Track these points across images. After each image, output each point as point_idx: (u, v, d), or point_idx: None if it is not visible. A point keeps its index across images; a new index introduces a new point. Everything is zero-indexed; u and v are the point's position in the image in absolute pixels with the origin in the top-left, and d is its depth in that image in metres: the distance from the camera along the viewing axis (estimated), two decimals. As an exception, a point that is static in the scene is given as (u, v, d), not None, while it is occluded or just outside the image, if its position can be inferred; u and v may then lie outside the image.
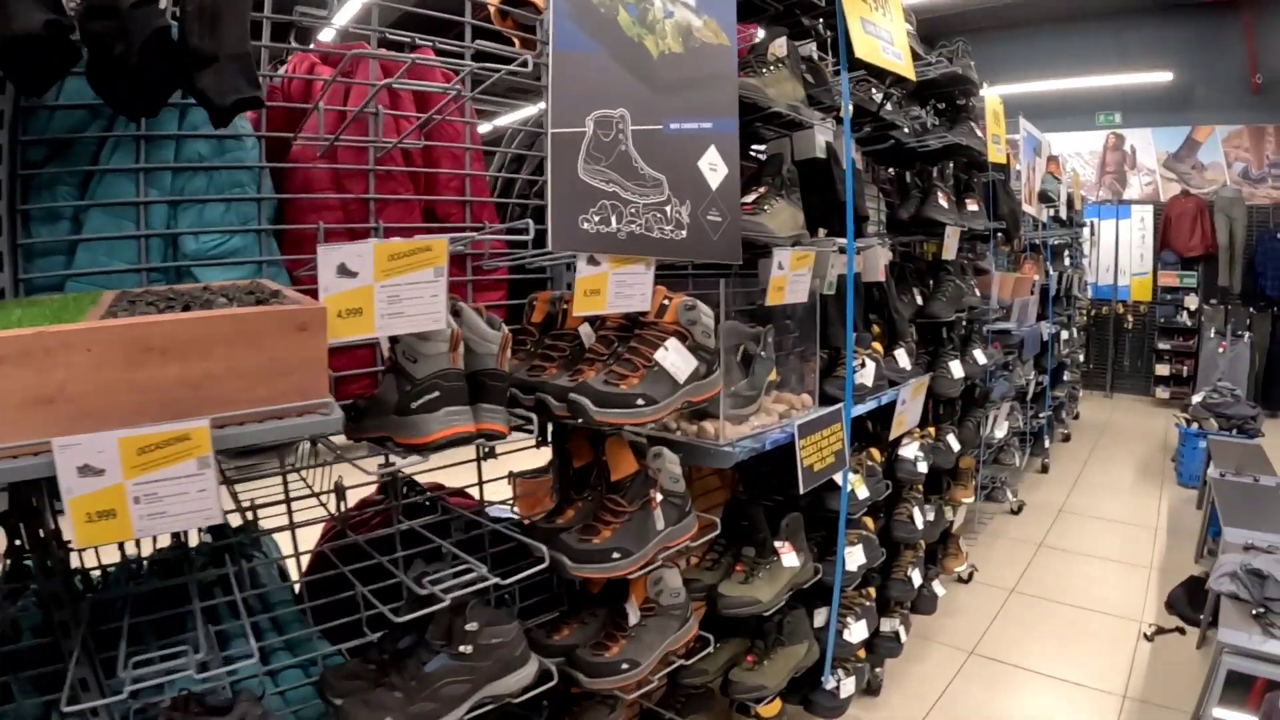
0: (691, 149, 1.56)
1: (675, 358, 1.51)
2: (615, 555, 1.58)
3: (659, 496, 1.63)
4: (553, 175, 1.34)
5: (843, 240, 2.12)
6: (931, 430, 3.12)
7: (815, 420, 2.06)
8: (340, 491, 1.85)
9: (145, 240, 1.59)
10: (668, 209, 1.50)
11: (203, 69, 1.36)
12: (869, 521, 2.62)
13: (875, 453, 2.60)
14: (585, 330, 1.70)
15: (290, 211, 1.77)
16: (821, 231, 2.21)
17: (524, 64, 1.32)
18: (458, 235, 1.33)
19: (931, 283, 3.16)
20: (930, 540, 3.30)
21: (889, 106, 2.73)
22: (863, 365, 2.33)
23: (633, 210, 1.44)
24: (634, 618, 1.77)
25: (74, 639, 1.41)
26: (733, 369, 1.98)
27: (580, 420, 1.46)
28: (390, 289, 1.27)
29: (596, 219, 1.39)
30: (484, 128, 4.87)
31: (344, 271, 1.24)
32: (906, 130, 2.95)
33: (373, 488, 2.05)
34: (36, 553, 1.41)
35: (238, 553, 1.82)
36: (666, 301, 1.55)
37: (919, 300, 3.03)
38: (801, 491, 2.02)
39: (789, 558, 2.07)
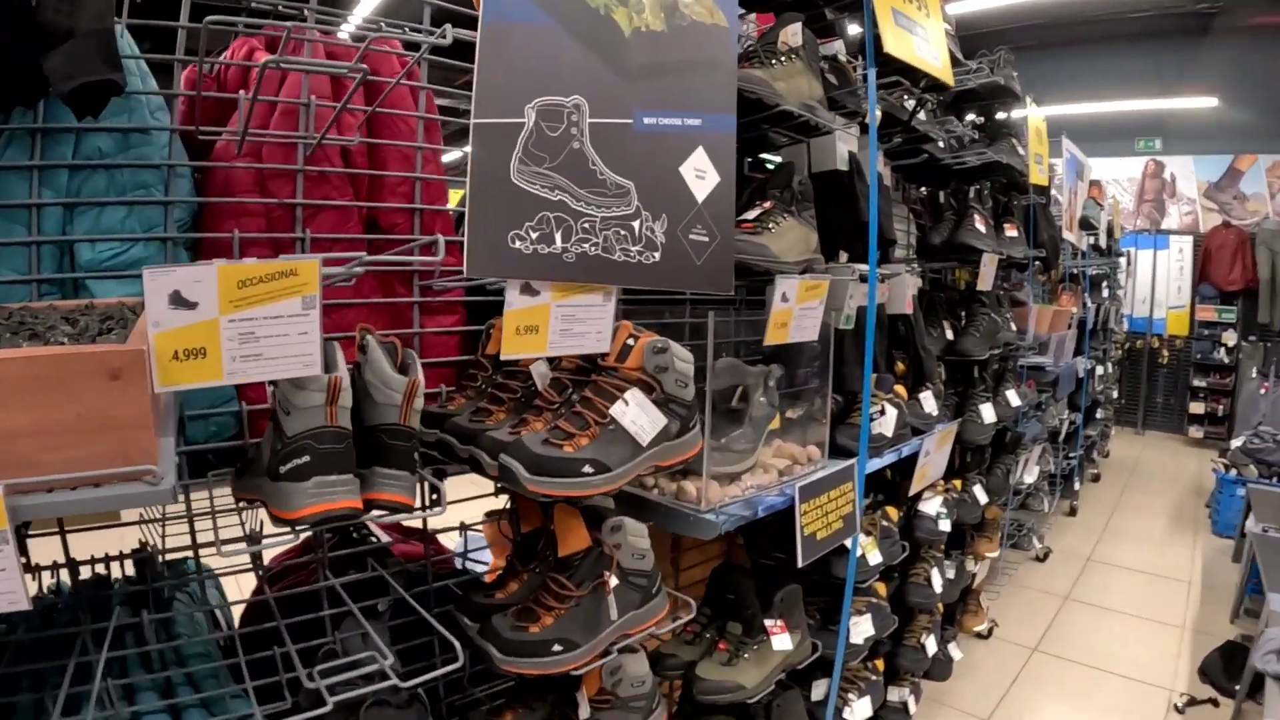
0: (671, 150, 1.21)
1: (637, 414, 1.16)
2: (556, 648, 1.24)
3: (614, 580, 1.27)
4: (473, 178, 1.00)
5: (864, 267, 1.75)
6: (956, 483, 2.72)
7: (822, 480, 1.69)
8: (255, 539, 1.52)
9: (37, 248, 1.32)
10: (636, 225, 1.15)
11: (54, 48, 1.07)
12: (880, 587, 2.24)
13: (892, 511, 2.21)
14: (539, 370, 1.36)
15: (209, 218, 1.46)
16: (843, 256, 1.84)
17: (442, 35, 0.98)
18: (330, 255, 0.99)
19: (964, 315, 2.77)
20: (949, 601, 2.89)
21: (922, 115, 2.35)
22: (882, 412, 1.96)
23: (586, 225, 1.10)
24: (585, 712, 1.42)
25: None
26: (726, 417, 1.63)
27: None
28: (242, 324, 0.94)
29: (535, 235, 1.04)
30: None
31: (179, 301, 0.91)
32: (941, 144, 2.57)
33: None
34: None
35: (154, 597, 1.53)
36: (631, 342, 1.20)
37: (949, 334, 2.64)
38: (800, 565, 1.66)
39: (781, 639, 1.71)
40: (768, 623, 1.71)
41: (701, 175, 1.26)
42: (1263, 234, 7.50)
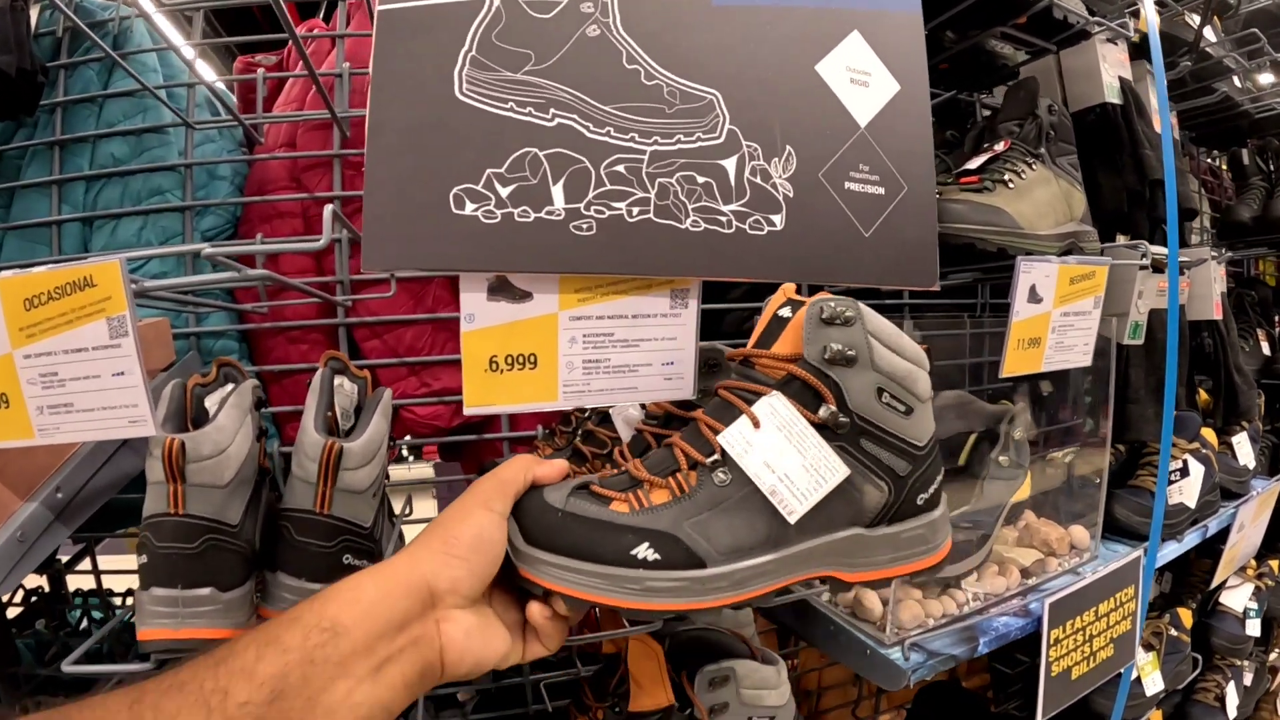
0: (798, 37, 0.58)
1: (777, 447, 0.48)
2: None
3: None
4: (376, 101, 0.45)
5: (1159, 250, 0.96)
6: (1274, 563, 1.68)
7: (1089, 589, 0.93)
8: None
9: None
10: (729, 164, 0.54)
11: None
12: (1155, 717, 1.35)
13: (1185, 615, 1.33)
14: (625, 416, 0.78)
15: (245, 224, 1.08)
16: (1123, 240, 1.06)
17: None
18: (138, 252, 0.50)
19: (1281, 321, 1.74)
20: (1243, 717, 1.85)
21: (1211, 35, 1.45)
22: (1183, 471, 1.12)
23: (622, 167, 0.50)
24: None
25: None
26: (944, 486, 0.94)
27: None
28: (40, 360, 0.52)
29: (507, 190, 0.47)
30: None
31: (-32, 333, 0.49)
32: (1237, 82, 1.62)
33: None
34: None
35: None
36: (786, 312, 0.52)
37: (1265, 349, 1.64)
38: None
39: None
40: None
41: (862, 80, 0.61)
42: None
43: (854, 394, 0.49)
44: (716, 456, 0.48)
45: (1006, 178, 0.80)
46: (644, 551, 0.46)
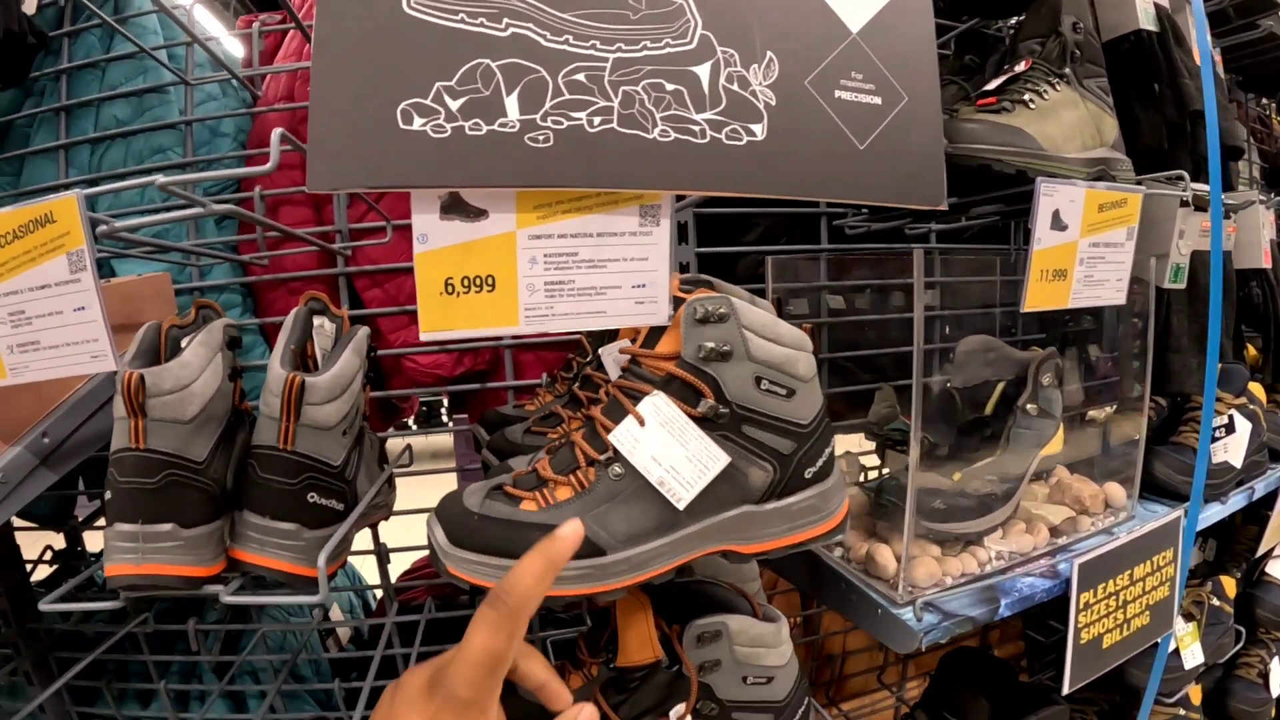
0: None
1: (662, 443, 0.51)
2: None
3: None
4: (323, 16, 0.42)
5: (1200, 187, 0.88)
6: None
7: (1121, 550, 0.86)
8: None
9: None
10: (702, 71, 0.49)
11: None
12: (1194, 693, 1.27)
13: (1229, 583, 1.24)
14: (612, 354, 0.76)
15: (249, 179, 1.07)
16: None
17: None
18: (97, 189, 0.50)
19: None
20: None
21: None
22: (1229, 428, 1.04)
23: (581, 77, 0.46)
24: None
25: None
26: (968, 434, 0.90)
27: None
28: (9, 300, 0.52)
29: (457, 103, 0.43)
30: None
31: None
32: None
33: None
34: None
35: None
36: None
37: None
38: (1067, 691, 0.87)
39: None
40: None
41: (854, -17, 0.55)
42: None
43: (731, 386, 0.53)
44: (610, 454, 0.53)
45: (1027, 97, 0.73)
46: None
